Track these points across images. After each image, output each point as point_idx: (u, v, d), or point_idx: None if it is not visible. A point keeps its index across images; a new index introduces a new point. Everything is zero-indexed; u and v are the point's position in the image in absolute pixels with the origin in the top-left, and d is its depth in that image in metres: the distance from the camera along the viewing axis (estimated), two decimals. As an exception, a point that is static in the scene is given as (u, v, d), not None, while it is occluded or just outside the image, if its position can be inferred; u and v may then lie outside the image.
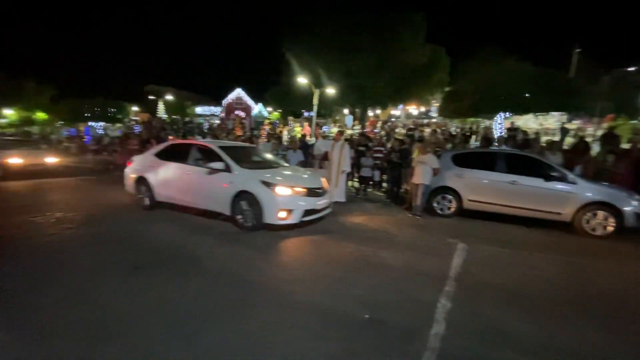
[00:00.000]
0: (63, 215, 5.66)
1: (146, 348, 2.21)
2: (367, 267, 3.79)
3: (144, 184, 6.16)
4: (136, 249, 4.09)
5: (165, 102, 38.51)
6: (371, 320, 2.64)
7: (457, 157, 6.72)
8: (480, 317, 2.79)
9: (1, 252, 3.86)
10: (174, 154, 6.10)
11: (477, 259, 4.20)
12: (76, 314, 2.60)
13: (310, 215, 5.08)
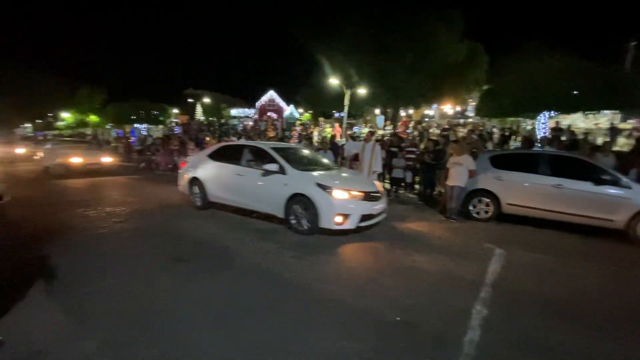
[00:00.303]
0: (112, 210, 6.16)
1: (184, 337, 2.35)
2: (399, 269, 3.75)
3: (197, 184, 6.30)
4: (178, 243, 4.36)
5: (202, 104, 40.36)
6: (402, 323, 2.62)
7: (495, 158, 6.42)
8: (517, 325, 2.67)
9: (59, 243, 4.29)
10: (227, 155, 6.18)
11: (515, 266, 4.00)
12: (123, 301, 2.84)
13: (367, 221, 4.86)
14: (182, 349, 2.21)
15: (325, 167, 5.89)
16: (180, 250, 4.13)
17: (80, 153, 11.55)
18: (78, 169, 10.98)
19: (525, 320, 2.76)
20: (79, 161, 11.14)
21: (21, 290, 2.91)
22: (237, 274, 3.48)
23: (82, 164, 11.18)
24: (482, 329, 2.56)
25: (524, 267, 3.99)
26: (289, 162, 5.28)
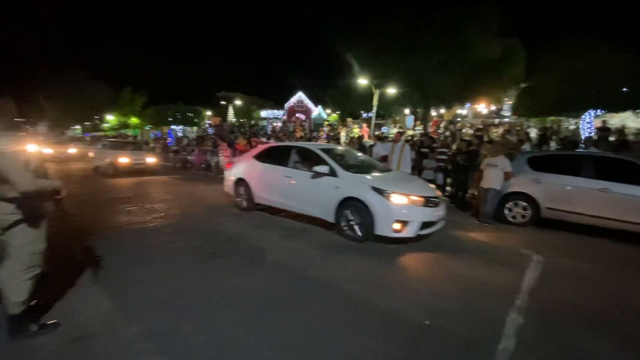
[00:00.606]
0: (153, 206, 6.55)
1: (217, 328, 2.47)
2: (429, 273, 3.68)
3: (243, 185, 6.27)
4: (212, 239, 4.56)
5: (234, 106, 41.65)
6: (432, 327, 2.57)
7: (534, 160, 6.08)
8: (555, 335, 2.52)
9: (105, 235, 4.63)
10: (274, 156, 6.06)
11: (554, 273, 3.78)
12: (162, 291, 3.02)
13: (427, 229, 4.49)
14: (217, 340, 2.32)
15: (377, 169, 5.62)
16: (213, 245, 4.31)
17: (127, 153, 12.10)
18: (125, 169, 11.53)
19: (563, 331, 2.60)
20: (126, 161, 11.66)
21: (72, 278, 3.18)
22: (266, 270, 3.58)
23: (128, 164, 11.70)
24: (517, 338, 2.45)
25: (564, 275, 3.75)
26: (339, 164, 5.08)
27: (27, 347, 2.18)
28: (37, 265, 2.31)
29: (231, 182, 6.59)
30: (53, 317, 2.49)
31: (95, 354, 2.14)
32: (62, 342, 2.25)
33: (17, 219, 2.17)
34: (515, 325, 2.63)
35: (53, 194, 2.39)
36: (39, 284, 2.37)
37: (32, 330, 2.29)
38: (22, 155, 2.12)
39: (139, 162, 12.07)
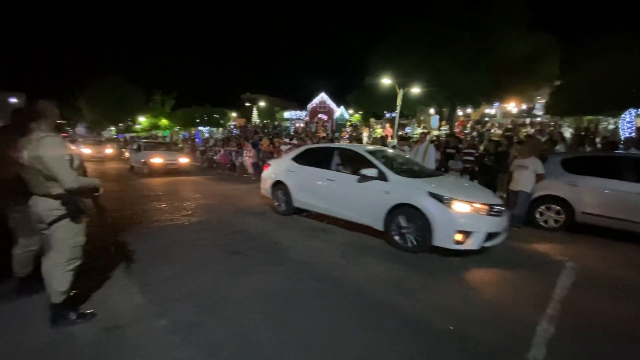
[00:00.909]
0: (181, 204, 6.81)
1: (238, 324, 2.53)
2: (453, 277, 3.57)
3: (281, 188, 6.03)
4: (235, 237, 4.68)
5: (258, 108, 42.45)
6: (457, 333, 2.50)
7: (568, 161, 5.76)
8: (588, 346, 2.38)
9: (137, 231, 4.87)
10: (314, 158, 5.79)
11: (589, 282, 3.56)
12: (188, 286, 3.14)
13: (491, 240, 4.03)
14: (238, 336, 2.38)
15: (427, 172, 5.27)
16: (237, 243, 4.42)
17: (161, 154, 12.46)
18: (159, 169, 11.96)
19: (597, 342, 2.45)
20: (159, 161, 11.99)
21: (107, 271, 3.38)
22: (288, 269, 3.62)
23: (162, 164, 12.03)
24: (548, 348, 2.33)
25: (599, 284, 3.53)
26: (388, 166, 4.77)
27: (67, 333, 2.35)
28: (78, 257, 2.48)
29: (268, 184, 6.37)
30: (90, 307, 2.66)
31: (127, 343, 2.26)
32: (98, 330, 2.40)
33: (61, 214, 2.33)
34: (546, 334, 2.51)
35: (92, 191, 2.56)
36: (78, 275, 2.54)
37: (71, 318, 2.45)
38: (67, 155, 2.28)
39: (171, 162, 12.37)
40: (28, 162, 2.21)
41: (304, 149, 6.40)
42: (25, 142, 2.24)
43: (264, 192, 6.61)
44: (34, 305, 2.64)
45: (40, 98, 2.36)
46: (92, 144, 20.04)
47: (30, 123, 2.30)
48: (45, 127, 2.31)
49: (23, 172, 2.32)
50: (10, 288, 2.88)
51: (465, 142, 9.42)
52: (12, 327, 2.41)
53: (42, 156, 2.17)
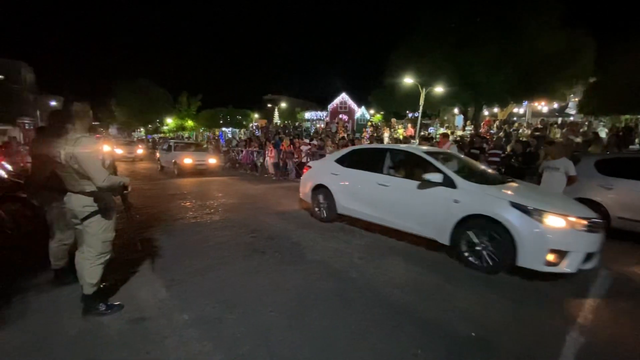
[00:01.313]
0: (204, 203, 7.01)
1: (257, 321, 2.57)
2: (475, 281, 3.45)
3: (323, 193, 5.55)
4: (256, 236, 4.75)
5: (279, 108, 43.01)
6: (479, 339, 2.42)
7: (602, 163, 5.42)
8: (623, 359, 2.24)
9: (162, 229, 5.06)
10: (362, 160, 5.28)
11: (624, 290, 3.34)
12: (210, 282, 3.23)
13: (590, 262, 3.39)
14: (256, 332, 2.42)
15: (499, 178, 4.59)
16: (257, 242, 4.50)
17: (191, 154, 12.52)
18: (188, 169, 12.05)
19: (631, 355, 2.29)
20: (189, 162, 12.03)
21: (134, 266, 3.53)
22: (306, 268, 3.64)
23: (191, 165, 12.08)
24: (577, 359, 2.21)
25: (635, 293, 3.31)
26: (454, 171, 4.21)
27: (97, 323, 2.48)
28: (108, 251, 2.62)
29: (308, 188, 5.86)
30: (118, 299, 2.79)
31: (151, 335, 2.36)
32: (125, 321, 2.51)
33: (94, 210, 2.47)
34: (576, 344, 2.38)
35: (121, 189, 2.69)
36: (107, 269, 2.68)
37: (101, 309, 2.59)
38: (100, 154, 2.41)
39: (201, 163, 12.44)
40: (65, 161, 2.35)
41: (350, 150, 5.78)
42: (62, 142, 2.39)
43: (302, 196, 6.12)
44: (68, 296, 2.82)
45: (80, 100, 2.50)
46: (124, 144, 20.77)
47: (66, 124, 2.45)
48: (80, 128, 2.45)
49: (59, 170, 2.48)
50: (46, 279, 3.09)
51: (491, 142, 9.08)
52: (48, 316, 2.57)
53: (77, 156, 2.31)
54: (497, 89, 17.42)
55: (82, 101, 2.49)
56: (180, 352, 2.18)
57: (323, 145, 11.88)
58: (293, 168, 11.90)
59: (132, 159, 19.03)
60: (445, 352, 2.26)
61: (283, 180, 11.54)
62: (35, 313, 2.60)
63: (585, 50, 16.34)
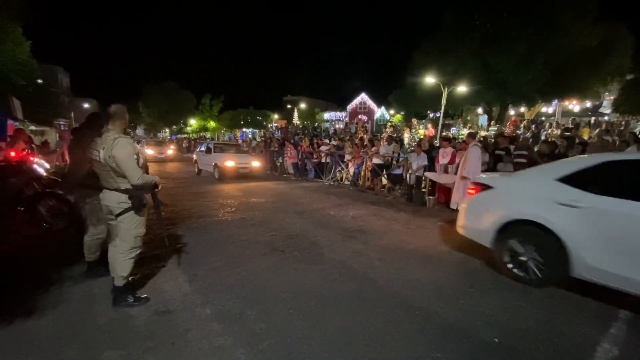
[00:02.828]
0: (224, 201, 7.18)
1: (276, 318, 2.62)
2: (501, 286, 3.34)
3: (534, 236, 3.32)
4: (275, 235, 4.82)
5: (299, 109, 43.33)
6: (502, 346, 2.34)
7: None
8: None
9: (187, 225, 5.22)
10: (628, 180, 3.01)
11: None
12: (232, 278, 3.31)
13: None
14: (275, 329, 2.46)
15: None
16: (277, 241, 4.56)
17: (233, 156, 11.42)
18: (231, 173, 10.97)
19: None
20: (231, 165, 10.94)
21: (160, 261, 3.68)
22: (324, 268, 3.66)
23: (234, 168, 11.00)
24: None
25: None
26: None
27: (125, 314, 2.60)
28: (139, 246, 2.75)
29: (488, 223, 3.66)
30: (145, 292, 2.92)
31: (175, 327, 2.45)
32: (151, 313, 2.62)
33: (127, 207, 2.60)
34: (607, 356, 2.26)
35: (152, 187, 2.81)
36: (136, 262, 2.80)
37: (129, 301, 2.72)
38: (135, 154, 2.53)
39: (244, 166, 11.35)
40: (103, 159, 2.49)
41: (599, 162, 3.23)
42: (101, 141, 2.53)
43: (469, 233, 4.02)
44: (99, 288, 2.97)
45: (111, 102, 2.64)
46: (154, 144, 20.46)
47: (107, 124, 2.60)
48: (117, 129, 2.59)
49: (96, 168, 2.62)
50: (80, 271, 3.27)
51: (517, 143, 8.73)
52: (81, 306, 2.72)
53: (115, 155, 2.44)
54: (525, 88, 16.77)
55: (118, 103, 2.63)
56: (203, 344, 2.25)
57: (342, 146, 11.87)
58: (312, 168, 11.95)
59: (163, 159, 18.87)
60: (468, 357, 2.21)
61: (302, 180, 11.62)
62: (69, 303, 2.76)
63: (622, 46, 15.45)
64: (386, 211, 6.76)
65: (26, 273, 3.30)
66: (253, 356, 2.15)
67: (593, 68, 15.81)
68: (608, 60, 15.72)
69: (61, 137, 17.30)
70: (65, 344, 2.23)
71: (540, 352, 2.29)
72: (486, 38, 16.72)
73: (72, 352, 2.16)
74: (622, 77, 16.50)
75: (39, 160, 6.13)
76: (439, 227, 5.60)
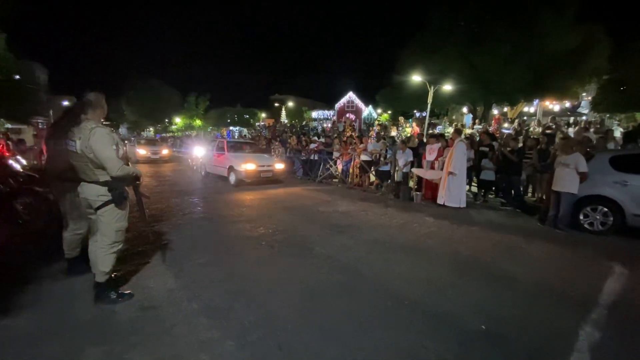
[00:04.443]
0: (213, 197, 7.06)
1: (265, 310, 2.58)
2: (487, 277, 3.40)
3: None
4: (265, 230, 4.77)
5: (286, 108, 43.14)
6: (489, 333, 2.38)
7: (617, 159, 5.29)
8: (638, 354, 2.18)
9: (172, 223, 5.11)
10: None
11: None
12: (219, 273, 3.25)
13: None
14: (265, 321, 2.42)
15: None
16: (266, 236, 4.51)
17: (252, 158, 9.36)
18: (251, 178, 8.93)
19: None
20: (252, 168, 8.92)
21: (145, 257, 3.57)
22: (313, 262, 3.64)
23: (255, 172, 8.99)
24: (592, 354, 2.16)
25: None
26: None
27: (108, 310, 2.51)
28: (121, 241, 2.65)
29: None
30: (129, 288, 2.82)
31: (161, 322, 2.38)
32: (135, 309, 2.54)
33: (107, 200, 2.50)
34: (590, 339, 2.33)
35: (134, 179, 2.71)
36: (119, 259, 2.71)
37: (112, 297, 2.62)
38: (114, 145, 2.43)
39: (266, 169, 9.33)
40: (80, 150, 2.38)
41: None
42: (77, 131, 2.42)
43: None
44: (81, 285, 2.86)
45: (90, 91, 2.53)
46: (146, 143, 17.74)
47: (83, 114, 2.48)
48: (96, 118, 2.49)
49: (73, 160, 2.51)
50: (59, 269, 3.14)
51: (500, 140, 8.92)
52: (61, 303, 2.61)
53: (92, 146, 2.34)
54: (508, 87, 17.16)
55: (96, 92, 2.52)
56: (190, 338, 2.19)
57: (331, 143, 11.86)
58: (300, 167, 11.77)
59: (158, 160, 16.59)
60: (455, 344, 2.23)
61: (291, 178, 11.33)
62: (48, 300, 2.65)
63: (599, 48, 15.98)
64: (374, 207, 6.79)
65: (0, 272, 3.15)
66: (242, 348, 2.11)
67: (572, 69, 16.30)
68: (586, 62, 16.24)
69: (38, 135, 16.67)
70: (44, 341, 2.14)
71: (525, 337, 2.34)
72: (471, 38, 17.03)
73: (51, 350, 2.07)
74: (600, 77, 17.11)
75: (15, 157, 5.87)
76: (427, 221, 5.66)
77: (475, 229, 5.23)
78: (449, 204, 6.80)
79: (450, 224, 5.51)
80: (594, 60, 16.10)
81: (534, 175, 7.52)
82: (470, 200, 7.61)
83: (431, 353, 2.13)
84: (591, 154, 5.67)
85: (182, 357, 2.03)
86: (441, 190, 6.96)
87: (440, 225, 5.39)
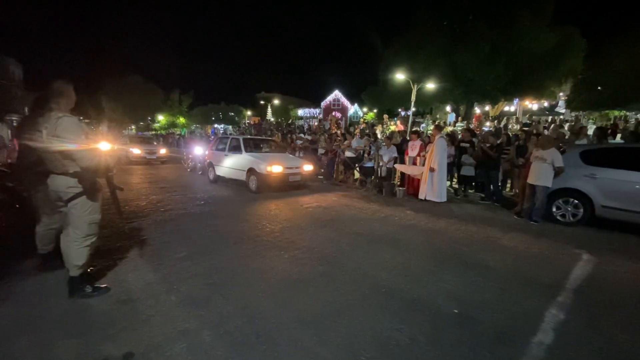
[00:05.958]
0: (194, 195, 6.98)
1: (245, 300, 2.61)
2: (463, 265, 3.52)
3: None
4: (244, 224, 4.77)
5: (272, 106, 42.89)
6: (461, 316, 2.48)
7: (588, 153, 5.55)
8: (598, 334, 2.31)
9: (151, 218, 5.03)
10: None
11: (606, 275, 3.43)
12: (198, 267, 3.24)
13: None
14: (244, 310, 2.44)
15: None
16: (247, 230, 4.51)
17: (277, 159, 7.76)
18: (276, 182, 7.39)
19: (608, 331, 2.36)
20: (279, 170, 7.37)
21: (122, 253, 3.52)
22: (294, 254, 3.67)
23: (282, 175, 7.45)
24: (556, 333, 2.29)
25: (618, 276, 3.41)
26: None
27: (82, 304, 2.47)
28: (94, 233, 2.60)
29: None
30: (105, 282, 2.78)
31: (138, 314, 2.36)
32: (111, 303, 2.51)
33: (78, 191, 2.45)
34: (555, 320, 2.46)
35: (106, 170, 2.66)
36: (95, 254, 2.66)
37: (87, 291, 2.58)
38: (83, 134, 2.38)
39: (295, 172, 7.80)
40: (47, 140, 2.32)
41: None
42: (43, 121, 2.35)
43: None
44: (55, 280, 2.79)
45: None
46: (140, 142, 15.18)
47: (49, 103, 2.41)
48: (63, 107, 2.42)
49: (42, 151, 2.44)
50: (33, 265, 3.06)
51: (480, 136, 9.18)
52: (33, 298, 2.55)
53: (60, 135, 2.28)
54: (489, 86, 17.63)
55: (63, 80, 2.46)
56: (168, 328, 2.19)
57: (316, 140, 11.91)
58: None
59: (155, 159, 14.11)
60: (428, 327, 2.31)
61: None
62: (20, 296, 2.58)
63: (575, 50, 16.61)
64: (358, 202, 6.87)
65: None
66: (219, 337, 2.13)
67: (549, 69, 16.89)
68: (563, 62, 16.85)
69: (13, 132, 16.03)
70: (15, 335, 2.09)
71: (495, 319, 2.45)
72: (454, 38, 17.39)
73: (22, 344, 2.02)
74: (575, 77, 17.78)
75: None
76: (407, 215, 5.78)
77: (454, 222, 5.38)
78: (430, 199, 6.95)
79: (430, 217, 5.64)
80: (570, 60, 16.73)
81: (511, 170, 7.77)
82: (451, 195, 7.80)
83: (404, 335, 2.20)
84: (563, 149, 5.92)
85: (159, 346, 2.02)
86: (422, 186, 7.11)
87: (420, 219, 5.52)
